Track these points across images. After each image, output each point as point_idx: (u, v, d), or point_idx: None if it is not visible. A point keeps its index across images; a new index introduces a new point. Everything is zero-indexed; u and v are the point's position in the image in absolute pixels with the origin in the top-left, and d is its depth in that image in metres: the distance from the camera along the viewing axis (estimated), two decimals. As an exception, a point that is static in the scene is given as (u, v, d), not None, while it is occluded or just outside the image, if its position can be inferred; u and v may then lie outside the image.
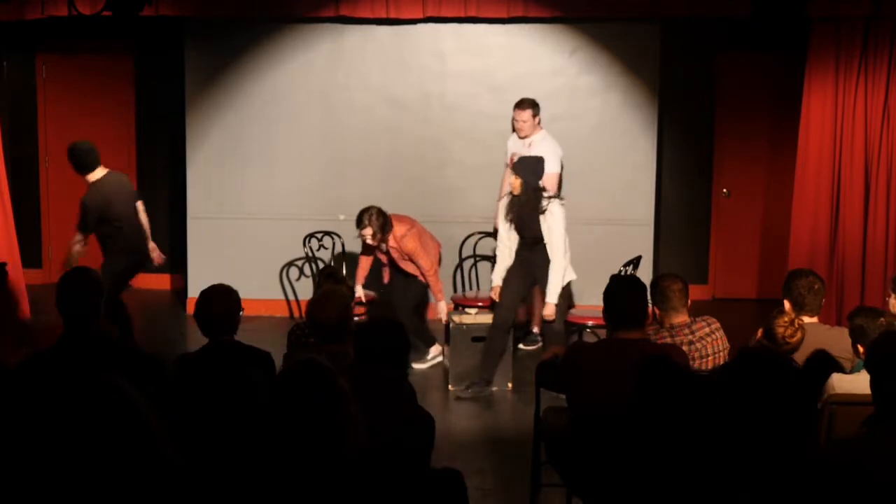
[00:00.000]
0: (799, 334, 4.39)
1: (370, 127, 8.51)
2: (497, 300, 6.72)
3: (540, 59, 8.40)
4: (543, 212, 6.40)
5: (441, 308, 7.18)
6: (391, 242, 7.06)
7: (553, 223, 6.40)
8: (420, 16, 8.09)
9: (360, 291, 7.22)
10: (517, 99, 7.93)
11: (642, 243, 8.29)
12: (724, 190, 9.31)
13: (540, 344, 7.37)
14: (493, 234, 7.90)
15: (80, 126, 9.60)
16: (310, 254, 8.01)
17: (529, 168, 6.51)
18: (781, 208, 8.56)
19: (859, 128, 7.41)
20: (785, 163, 8.53)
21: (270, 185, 8.50)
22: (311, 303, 4.40)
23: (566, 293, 8.34)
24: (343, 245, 8.19)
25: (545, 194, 6.49)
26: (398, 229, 7.07)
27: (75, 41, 9.19)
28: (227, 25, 8.38)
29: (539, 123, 7.55)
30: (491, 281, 6.82)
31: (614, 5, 7.85)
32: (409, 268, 7.15)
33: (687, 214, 9.29)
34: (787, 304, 4.83)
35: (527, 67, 8.37)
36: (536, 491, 4.84)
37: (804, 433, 2.58)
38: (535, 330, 7.63)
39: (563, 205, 6.50)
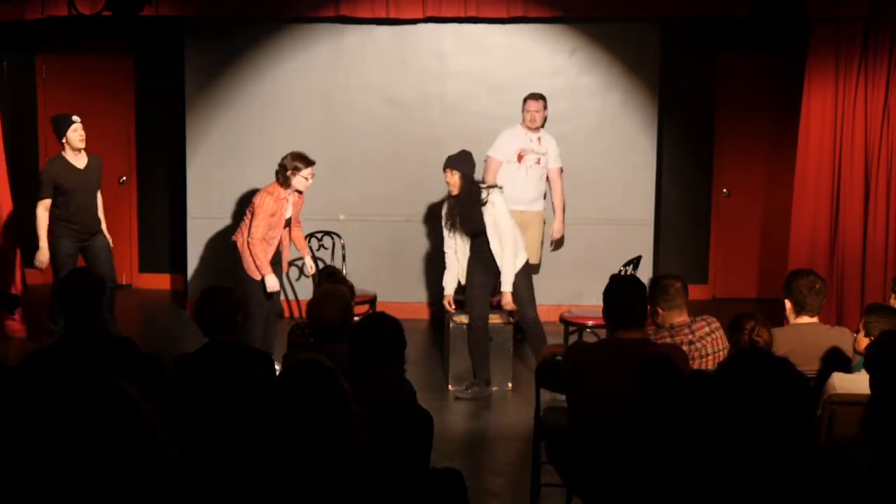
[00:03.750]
0: (765, 335, 4.33)
1: (370, 127, 8.51)
2: (449, 308, 6.75)
3: (540, 59, 8.40)
4: (485, 204, 6.39)
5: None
6: (297, 196, 6.82)
7: (497, 213, 6.39)
8: (420, 16, 8.08)
9: (274, 282, 6.68)
10: (517, 99, 7.92)
11: (642, 243, 8.30)
12: (724, 190, 9.31)
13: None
14: None
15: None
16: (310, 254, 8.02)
17: (462, 162, 6.50)
18: (781, 208, 8.56)
19: (859, 128, 7.41)
20: (785, 163, 8.53)
21: (270, 185, 8.50)
22: (311, 303, 4.40)
23: (564, 294, 8.37)
24: (343, 245, 8.20)
25: (483, 186, 6.48)
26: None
27: (75, 41, 9.19)
28: (227, 25, 8.38)
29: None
30: (444, 288, 6.78)
31: (614, 5, 7.84)
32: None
33: (687, 214, 9.29)
34: (787, 304, 4.83)
35: (527, 67, 8.37)
36: (536, 491, 4.84)
37: (803, 432, 2.57)
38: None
39: (502, 193, 6.50)
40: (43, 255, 7.06)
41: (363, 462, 2.48)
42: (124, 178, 9.62)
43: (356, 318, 6.05)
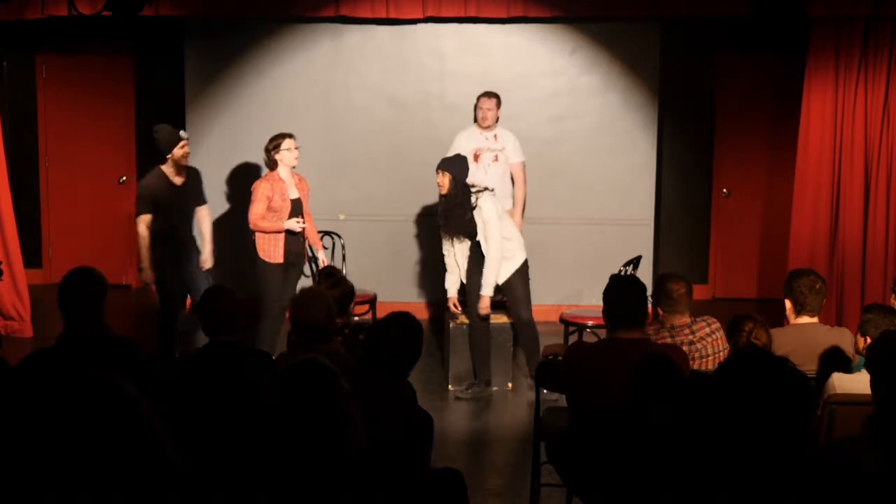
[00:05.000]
0: (763, 337, 4.33)
1: (370, 127, 8.52)
2: (455, 310, 6.73)
3: (540, 59, 8.40)
4: (474, 208, 6.38)
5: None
6: (297, 179, 6.82)
7: (486, 216, 6.37)
8: (420, 16, 8.08)
9: (294, 224, 6.70)
10: (517, 98, 7.94)
11: (642, 243, 8.30)
12: (724, 190, 9.31)
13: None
14: None
15: (80, 126, 9.61)
16: (310, 254, 8.01)
17: (455, 166, 6.47)
18: (781, 208, 8.56)
19: (859, 128, 7.41)
20: (785, 163, 8.53)
21: (270, 185, 8.49)
22: (294, 306, 4.37)
23: (564, 294, 8.37)
24: (343, 245, 8.20)
25: (473, 189, 6.46)
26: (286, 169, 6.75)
27: (75, 41, 9.19)
28: (227, 25, 8.38)
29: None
30: (447, 291, 6.75)
31: (614, 5, 7.84)
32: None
33: (687, 214, 9.28)
34: (788, 304, 4.83)
35: (527, 67, 8.37)
36: (536, 491, 4.84)
37: (802, 432, 2.58)
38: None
39: (492, 195, 6.48)
40: (146, 274, 6.65)
41: (363, 462, 2.48)
42: (124, 178, 9.62)
43: (356, 318, 6.03)
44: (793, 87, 7.96)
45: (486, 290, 6.43)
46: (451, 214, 6.44)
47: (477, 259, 6.51)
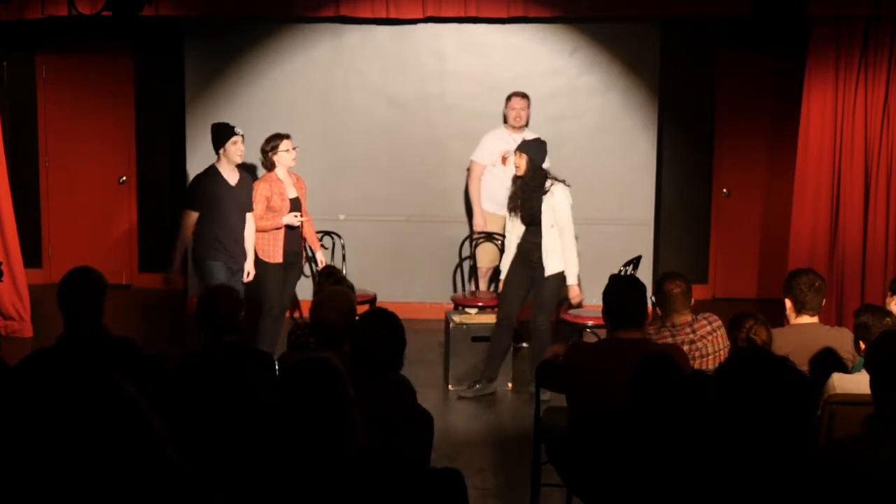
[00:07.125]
0: (763, 334, 4.33)
1: (370, 127, 8.52)
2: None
3: (540, 59, 8.40)
4: (546, 192, 6.38)
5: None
6: (295, 179, 6.84)
7: (559, 204, 6.38)
8: (420, 16, 8.09)
9: (291, 219, 6.68)
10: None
11: (642, 243, 8.29)
12: (724, 190, 9.31)
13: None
14: (490, 235, 7.90)
15: (80, 126, 9.61)
16: (309, 254, 8.02)
17: (534, 148, 6.49)
18: (781, 208, 8.56)
19: (859, 128, 7.41)
20: (785, 163, 8.53)
21: (270, 185, 8.49)
22: (314, 305, 4.39)
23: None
24: (343, 245, 8.20)
25: (549, 176, 6.48)
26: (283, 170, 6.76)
27: (75, 41, 9.20)
28: (227, 25, 8.38)
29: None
30: (500, 272, 6.77)
31: (614, 5, 7.85)
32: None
33: (687, 214, 9.29)
34: (787, 304, 4.83)
35: (527, 67, 8.37)
36: (536, 491, 4.84)
37: (802, 432, 2.58)
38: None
39: (566, 187, 6.49)
40: (176, 268, 6.57)
41: (363, 462, 2.48)
42: (124, 178, 9.63)
43: (356, 318, 6.00)
44: (793, 87, 7.96)
45: (572, 279, 6.46)
46: (527, 197, 6.44)
47: (524, 248, 6.52)
